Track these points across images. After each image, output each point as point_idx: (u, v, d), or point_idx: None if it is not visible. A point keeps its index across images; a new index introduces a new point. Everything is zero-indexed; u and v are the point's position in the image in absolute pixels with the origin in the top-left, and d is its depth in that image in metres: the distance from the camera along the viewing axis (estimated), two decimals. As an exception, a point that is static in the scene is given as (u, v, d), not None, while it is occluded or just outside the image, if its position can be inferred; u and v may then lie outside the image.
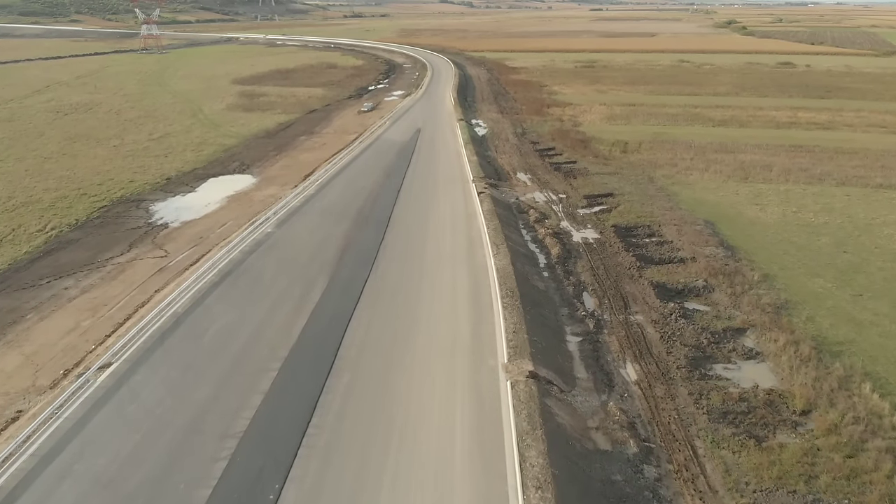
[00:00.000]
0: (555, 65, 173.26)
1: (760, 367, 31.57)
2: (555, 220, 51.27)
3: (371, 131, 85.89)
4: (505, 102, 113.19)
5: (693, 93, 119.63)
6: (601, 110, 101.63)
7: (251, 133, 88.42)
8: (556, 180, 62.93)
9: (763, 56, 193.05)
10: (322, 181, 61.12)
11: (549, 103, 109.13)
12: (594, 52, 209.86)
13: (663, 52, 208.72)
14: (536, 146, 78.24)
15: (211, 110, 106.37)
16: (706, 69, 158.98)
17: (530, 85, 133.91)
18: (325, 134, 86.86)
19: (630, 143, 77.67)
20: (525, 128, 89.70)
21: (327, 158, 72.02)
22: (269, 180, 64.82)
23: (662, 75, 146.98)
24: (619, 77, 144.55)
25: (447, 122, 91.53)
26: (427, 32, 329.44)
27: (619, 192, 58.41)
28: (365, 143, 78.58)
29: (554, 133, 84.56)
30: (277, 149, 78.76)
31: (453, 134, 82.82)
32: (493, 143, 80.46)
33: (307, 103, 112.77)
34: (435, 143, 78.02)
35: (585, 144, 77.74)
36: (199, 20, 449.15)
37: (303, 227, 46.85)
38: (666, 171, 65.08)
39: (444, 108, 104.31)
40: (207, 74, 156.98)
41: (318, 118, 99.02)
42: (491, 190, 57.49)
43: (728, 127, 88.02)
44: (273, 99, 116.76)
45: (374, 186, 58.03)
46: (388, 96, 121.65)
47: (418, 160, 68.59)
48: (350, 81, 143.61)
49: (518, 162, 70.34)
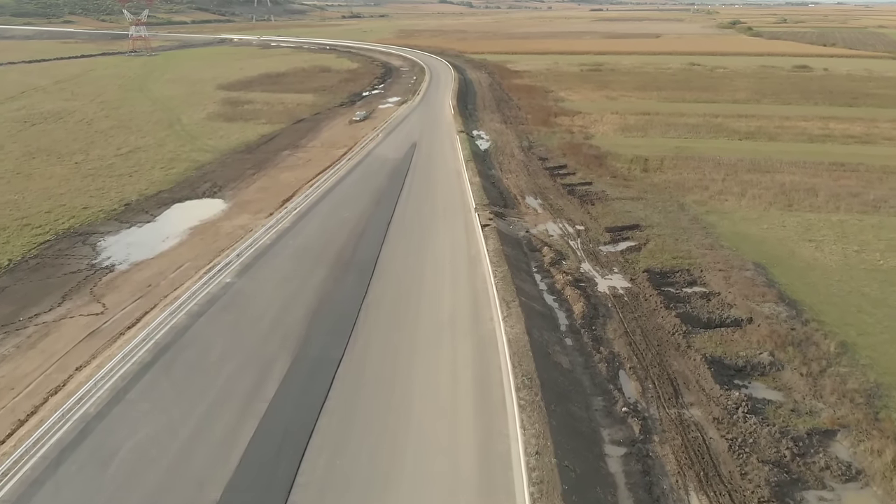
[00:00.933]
0: (559, 68, 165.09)
1: (865, 495, 23.40)
2: (574, 262, 43.06)
3: (362, 145, 77.67)
4: (508, 111, 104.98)
5: (710, 99, 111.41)
6: (614, 120, 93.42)
7: (230, 147, 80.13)
8: (572, 207, 54.71)
9: (776, 59, 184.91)
10: (301, 209, 52.90)
11: (556, 111, 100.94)
12: (599, 55, 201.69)
13: (671, 55, 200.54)
14: (546, 163, 70.02)
15: (190, 120, 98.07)
16: (719, 73, 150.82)
17: (535, 90, 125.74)
18: (311, 148, 78.57)
19: (651, 160, 69.47)
20: (532, 141, 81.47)
21: (310, 179, 63.78)
22: (242, 206, 56.58)
23: (674, 80, 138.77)
24: (629, 81, 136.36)
25: (446, 134, 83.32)
26: (426, 33, 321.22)
27: (646, 223, 50.18)
28: (354, 159, 70.34)
29: (564, 147, 76.33)
30: (256, 166, 70.50)
31: (453, 149, 74.61)
32: (498, 159, 72.22)
33: (295, 112, 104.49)
34: (432, 159, 69.84)
35: (601, 161, 69.53)
36: (195, 21, 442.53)
37: (269, 277, 38.59)
38: (697, 196, 56.83)
39: (442, 118, 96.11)
40: (193, 78, 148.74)
41: (305, 129, 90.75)
42: (497, 221, 49.28)
43: (756, 140, 79.83)
44: (259, 107, 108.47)
45: (360, 218, 49.80)
46: (382, 103, 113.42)
47: (413, 182, 60.37)
48: (343, 87, 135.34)
49: (526, 183, 62.13)
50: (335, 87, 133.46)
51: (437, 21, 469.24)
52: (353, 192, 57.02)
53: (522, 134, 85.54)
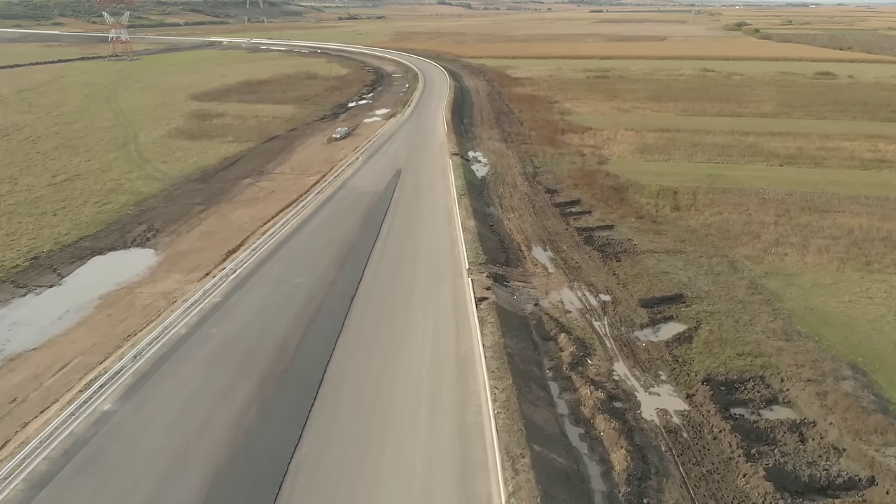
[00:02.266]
0: (563, 74, 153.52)
1: None
2: (603, 360, 31.47)
3: (338, 172, 66.05)
4: (509, 126, 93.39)
5: (735, 112, 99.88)
6: (629, 138, 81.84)
7: (183, 173, 68.47)
8: (592, 264, 43.12)
9: (794, 64, 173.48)
10: (244, 269, 41.26)
11: (563, 127, 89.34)
12: (604, 59, 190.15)
13: (681, 59, 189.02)
14: (554, 197, 58.38)
15: (148, 138, 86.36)
16: (737, 80, 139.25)
17: (538, 101, 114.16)
18: (277, 175, 66.91)
19: (681, 194, 57.92)
20: (537, 165, 69.85)
21: (268, 220, 52.14)
22: (175, 261, 44.95)
23: (689, 88, 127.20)
24: (640, 90, 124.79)
25: (437, 158, 71.69)
26: (423, 36, 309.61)
27: (692, 292, 38.60)
28: (325, 192, 58.67)
29: (576, 175, 64.71)
30: (208, 200, 58.85)
31: (444, 178, 63.00)
32: (497, 191, 60.59)
33: (268, 127, 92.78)
34: (419, 193, 58.21)
35: (621, 195, 57.95)
36: (188, 23, 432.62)
37: (165, 401, 26.79)
38: (749, 249, 45.20)
39: (434, 136, 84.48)
40: (167, 87, 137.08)
41: (276, 149, 79.06)
42: (497, 289, 37.67)
43: (800, 166, 68.25)
44: (229, 121, 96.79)
45: (315, 287, 38.11)
46: (368, 117, 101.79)
47: (392, 228, 48.66)
48: (328, 96, 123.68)
49: (532, 226, 50.50)
50: (319, 97, 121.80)
51: (435, 23, 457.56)
52: (314, 244, 45.31)
53: (526, 156, 73.92)
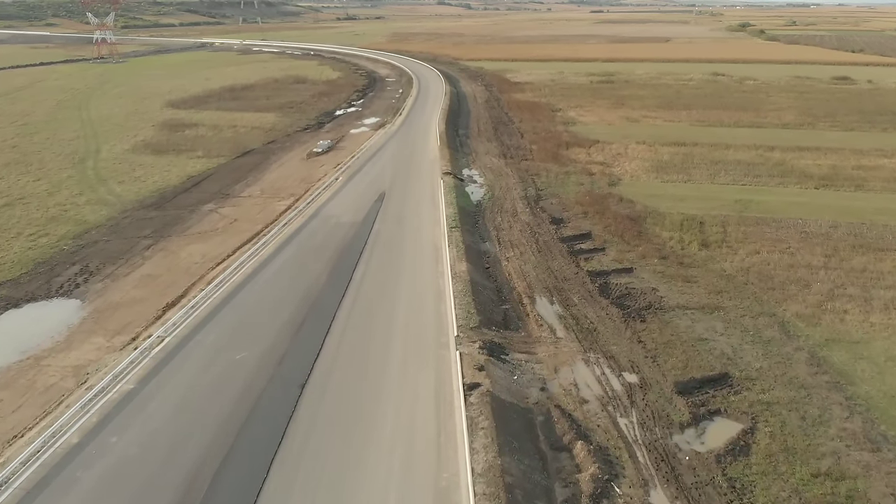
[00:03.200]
0: (565, 79, 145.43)
1: None
2: (636, 488, 23.34)
3: (313, 195, 57.86)
4: (509, 138, 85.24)
5: (754, 123, 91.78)
6: (642, 153, 73.76)
7: (139, 196, 60.30)
8: (611, 325, 35.02)
9: (807, 67, 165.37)
10: (175, 336, 33.14)
11: (567, 140, 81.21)
12: (608, 62, 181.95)
13: (688, 62, 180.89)
14: (561, 229, 50.25)
15: (110, 152, 78.15)
16: (751, 86, 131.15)
17: (539, 109, 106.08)
18: (244, 200, 58.74)
19: (709, 225, 49.81)
20: (539, 187, 61.73)
21: (221, 261, 43.96)
22: (101, 318, 36.82)
23: (701, 94, 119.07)
24: (648, 97, 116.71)
25: (427, 178, 63.55)
26: (420, 37, 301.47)
27: (739, 370, 30.47)
28: (294, 223, 50.47)
29: (584, 200, 56.55)
30: (158, 232, 50.69)
31: (433, 204, 54.82)
32: (494, 220, 52.44)
33: (245, 139, 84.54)
34: (403, 225, 50.00)
35: (638, 226, 49.83)
36: (183, 23, 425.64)
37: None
38: (799, 305, 37.03)
39: (426, 150, 76.36)
40: (146, 92, 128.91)
41: (248, 166, 70.87)
42: (492, 369, 29.54)
43: (838, 189, 60.11)
44: (203, 132, 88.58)
45: (258, 369, 29.82)
46: (356, 127, 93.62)
47: (366, 276, 40.41)
48: (315, 103, 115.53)
49: (536, 269, 42.37)
50: (305, 104, 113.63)
51: (433, 23, 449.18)
52: (269, 298, 37.11)
53: (527, 175, 65.77)
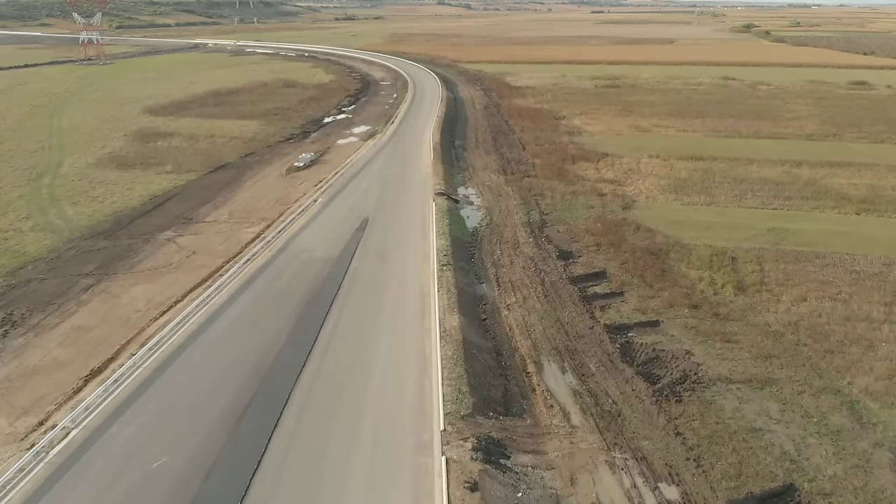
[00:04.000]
0: (568, 83, 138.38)
1: None
2: None
3: (286, 222, 50.83)
4: (509, 150, 78.23)
5: (774, 133, 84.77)
6: (657, 169, 66.80)
7: (92, 221, 53.23)
8: (638, 406, 27.99)
9: (820, 71, 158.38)
10: (98, 416, 26.23)
11: (573, 153, 74.22)
12: (612, 65, 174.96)
13: (695, 65, 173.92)
14: (570, 266, 43.23)
15: (73, 167, 71.05)
16: (765, 91, 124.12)
17: (541, 116, 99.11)
18: (208, 226, 51.70)
19: (742, 261, 42.83)
20: (544, 210, 54.72)
21: (168, 309, 36.98)
22: (11, 389, 29.77)
23: (713, 101, 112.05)
24: (658, 103, 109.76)
25: (417, 200, 56.48)
26: (419, 38, 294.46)
27: (808, 481, 23.54)
28: (259, 258, 43.46)
29: (596, 228, 49.54)
30: (104, 268, 43.67)
31: (422, 234, 47.80)
32: (493, 254, 45.42)
33: (221, 151, 77.48)
34: (386, 263, 42.96)
35: (661, 262, 42.83)
36: (179, 23, 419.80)
37: None
38: (866, 377, 29.97)
39: (418, 164, 69.41)
40: (126, 97, 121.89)
41: (219, 184, 63.82)
42: (489, 483, 22.55)
43: (881, 214, 52.99)
44: (177, 143, 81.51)
45: (182, 477, 22.97)
46: (344, 137, 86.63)
47: (335, 336, 33.25)
48: (303, 109, 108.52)
49: (542, 322, 35.35)
50: (292, 111, 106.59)
51: (432, 24, 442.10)
52: (210, 371, 29.98)
53: (530, 195, 58.76)
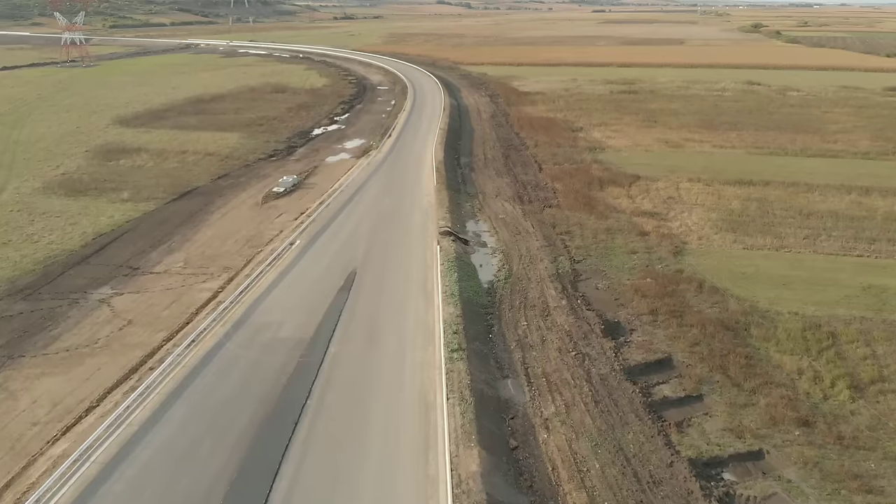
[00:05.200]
0: (580, 88, 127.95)
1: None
2: None
3: (252, 277, 40.37)
4: (523, 170, 67.81)
5: (825, 150, 74.26)
6: (701, 196, 56.34)
7: (16, 271, 42.57)
8: None
9: (849, 75, 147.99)
10: None
11: (599, 175, 63.81)
12: (624, 67, 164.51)
13: (712, 67, 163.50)
14: (622, 347, 32.69)
15: (15, 193, 60.28)
16: (796, 98, 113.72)
17: (556, 127, 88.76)
18: (155, 280, 41.23)
19: (845, 341, 32.45)
20: (575, 256, 44.22)
21: (75, 421, 26.68)
22: None
23: (744, 109, 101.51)
24: (683, 112, 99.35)
25: (418, 242, 46.02)
26: (419, 38, 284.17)
27: None
28: (208, 338, 32.91)
29: (646, 287, 39.00)
30: (10, 346, 33.03)
31: (424, 296, 37.32)
32: (517, 330, 34.90)
33: (191, 172, 67.03)
34: (376, 345, 32.38)
35: (741, 343, 32.32)
36: (175, 23, 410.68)
37: None
38: None
39: (418, 191, 58.95)
40: (100, 104, 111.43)
41: (180, 217, 53.30)
42: None
43: None
44: (142, 161, 71.04)
45: None
46: (334, 152, 76.21)
47: (295, 491, 23.07)
48: (291, 119, 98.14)
49: (598, 453, 24.91)
50: (279, 121, 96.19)
51: (432, 23, 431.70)
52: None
53: (554, 234, 48.33)
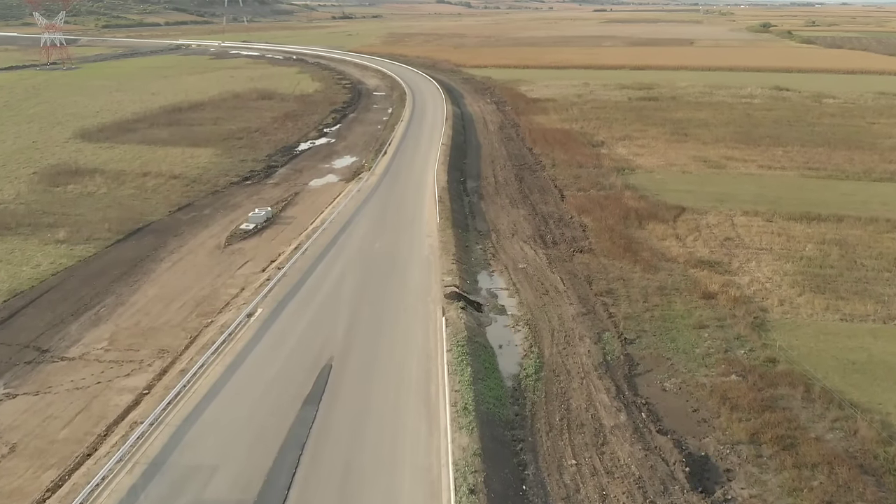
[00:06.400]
0: (594, 93, 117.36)
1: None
2: None
3: (191, 372, 29.71)
4: (542, 197, 57.12)
5: (892, 174, 63.67)
6: (766, 238, 45.69)
7: None
8: None
9: (880, 79, 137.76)
10: None
11: (634, 205, 52.98)
12: (638, 70, 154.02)
13: (733, 71, 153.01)
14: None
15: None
16: (835, 107, 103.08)
17: (574, 141, 78.17)
18: (64, 373, 30.43)
19: None
20: (625, 334, 33.40)
21: None
22: None
23: (781, 120, 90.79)
24: (714, 123, 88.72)
25: (417, 314, 35.02)
26: (418, 38, 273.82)
27: None
28: (110, 494, 22.36)
29: (734, 390, 28.24)
30: None
31: (425, 411, 26.38)
32: (560, 472, 23.92)
33: (148, 201, 56.15)
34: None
35: (889, 498, 22.07)
36: (169, 22, 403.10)
37: None
38: None
39: (417, 229, 48.18)
40: (66, 113, 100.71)
41: (120, 267, 42.41)
42: None
43: None
44: (94, 186, 60.12)
45: None
46: (318, 174, 65.55)
47: None
48: (275, 131, 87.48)
49: None
50: (261, 133, 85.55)
51: (432, 23, 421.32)
52: None
53: (592, 295, 37.60)
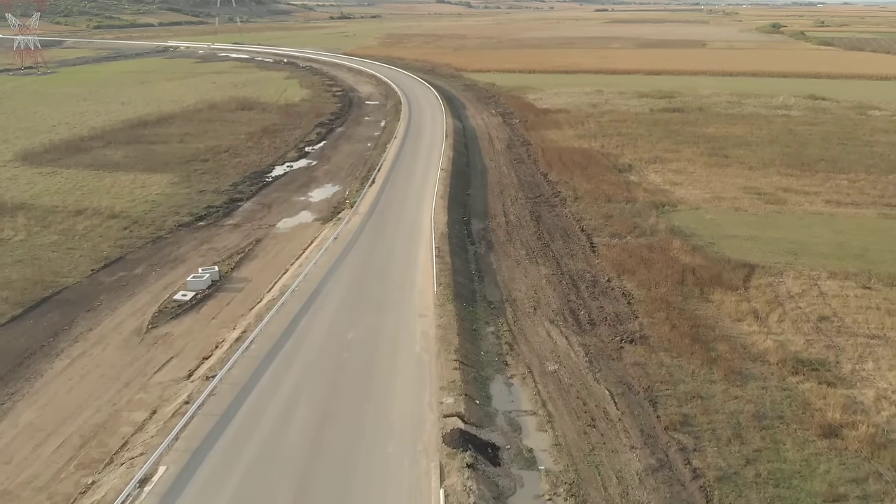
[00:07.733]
0: (610, 103, 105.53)
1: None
2: None
3: None
4: (566, 246, 45.23)
5: None
6: (871, 317, 33.90)
7: None
8: None
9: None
10: None
11: (690, 262, 41.19)
12: (653, 75, 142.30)
13: (756, 76, 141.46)
14: None
15: None
16: (883, 120, 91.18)
17: (596, 164, 66.36)
18: None
19: None
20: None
21: None
22: None
23: (832, 137, 78.72)
24: (755, 141, 76.83)
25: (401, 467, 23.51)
26: (417, 39, 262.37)
27: None
28: None
29: None
30: None
31: None
32: None
33: (69, 255, 44.16)
34: None
35: None
36: (163, 23, 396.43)
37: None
38: None
39: (406, 308, 35.94)
40: (17, 127, 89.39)
41: (6, 362, 31.09)
42: None
43: None
44: (11, 231, 47.65)
45: None
46: (290, 211, 53.63)
47: None
48: (248, 150, 75.64)
49: None
50: (232, 153, 73.64)
51: (432, 23, 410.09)
52: None
53: (660, 429, 25.92)
